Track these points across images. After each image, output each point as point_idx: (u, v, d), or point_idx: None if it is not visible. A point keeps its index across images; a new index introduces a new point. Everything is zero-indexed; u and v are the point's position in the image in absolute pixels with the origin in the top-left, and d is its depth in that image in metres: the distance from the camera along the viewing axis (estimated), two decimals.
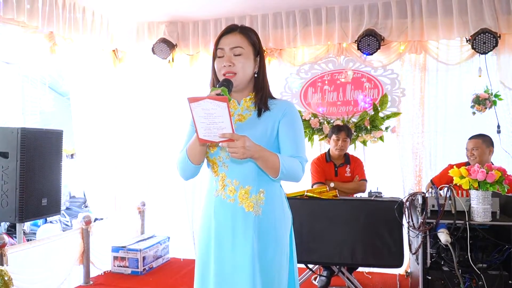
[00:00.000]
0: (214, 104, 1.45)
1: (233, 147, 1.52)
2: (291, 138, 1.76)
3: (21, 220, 3.18)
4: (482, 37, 3.82)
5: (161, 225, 4.92)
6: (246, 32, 1.79)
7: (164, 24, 4.77)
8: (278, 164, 1.64)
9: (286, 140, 1.76)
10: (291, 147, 1.75)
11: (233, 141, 1.51)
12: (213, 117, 1.48)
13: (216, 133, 1.51)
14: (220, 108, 1.45)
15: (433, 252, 2.89)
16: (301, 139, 1.80)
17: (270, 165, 1.65)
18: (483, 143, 3.57)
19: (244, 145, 1.52)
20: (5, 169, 3.16)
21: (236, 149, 1.52)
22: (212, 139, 1.54)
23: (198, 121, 1.50)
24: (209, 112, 1.47)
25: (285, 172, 1.66)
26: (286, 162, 1.67)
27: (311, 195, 3.41)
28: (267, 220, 1.75)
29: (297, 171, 1.72)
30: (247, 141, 1.54)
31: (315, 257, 3.38)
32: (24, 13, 3.55)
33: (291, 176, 1.71)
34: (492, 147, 3.60)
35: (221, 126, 1.49)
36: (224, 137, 1.51)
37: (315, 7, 4.37)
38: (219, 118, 1.47)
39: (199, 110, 1.48)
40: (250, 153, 1.56)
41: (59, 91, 6.88)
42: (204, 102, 1.46)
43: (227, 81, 1.69)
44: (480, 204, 2.73)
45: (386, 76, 4.36)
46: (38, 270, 3.32)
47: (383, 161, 4.45)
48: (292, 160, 1.71)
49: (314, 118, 4.45)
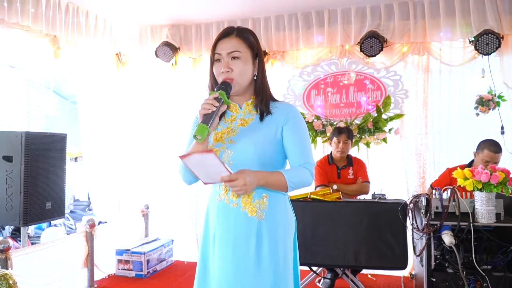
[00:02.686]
0: (202, 156, 1.50)
1: (235, 186, 1.56)
2: (297, 145, 1.75)
3: (25, 223, 3.19)
4: (485, 38, 3.82)
5: (165, 228, 4.93)
6: (243, 35, 1.76)
7: (167, 27, 4.79)
8: (285, 181, 1.67)
9: (292, 147, 1.75)
10: (298, 154, 1.75)
11: (232, 181, 1.56)
12: (207, 166, 1.53)
13: (216, 177, 1.57)
14: (209, 158, 1.49)
15: (438, 254, 2.88)
16: (307, 144, 1.79)
17: (278, 186, 1.69)
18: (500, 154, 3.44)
19: (245, 182, 1.56)
20: (10, 173, 3.17)
21: (238, 187, 1.56)
22: (215, 181, 1.60)
23: (196, 171, 1.58)
24: (201, 163, 1.53)
25: (293, 185, 1.70)
26: (291, 176, 1.69)
27: (314, 197, 3.41)
28: (270, 224, 1.73)
29: (305, 179, 1.74)
30: (246, 177, 1.57)
31: (319, 259, 3.37)
32: (29, 17, 3.58)
33: (300, 185, 1.74)
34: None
35: (218, 171, 1.54)
36: (224, 179, 1.56)
37: (318, 9, 4.37)
38: (212, 166, 1.52)
39: (192, 163, 1.54)
40: (253, 186, 1.60)
41: (62, 94, 6.92)
42: (192, 157, 1.51)
43: (225, 84, 1.68)
44: (484, 206, 2.72)
45: (389, 77, 4.35)
46: (42, 273, 3.32)
47: (386, 163, 4.45)
48: (297, 170, 1.72)
49: (317, 120, 4.45)
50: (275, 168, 1.74)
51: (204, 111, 1.61)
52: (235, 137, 1.75)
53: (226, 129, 1.78)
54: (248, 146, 1.71)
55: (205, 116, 1.60)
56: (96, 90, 4.65)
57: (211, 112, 1.61)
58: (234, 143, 1.73)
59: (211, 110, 1.61)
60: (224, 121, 1.81)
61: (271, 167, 1.72)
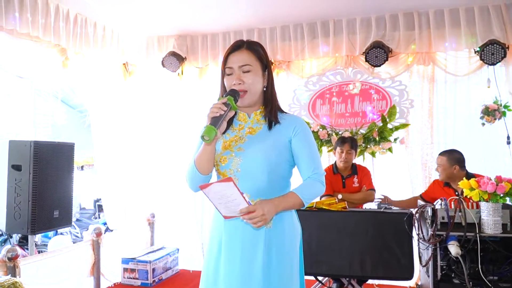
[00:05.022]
0: (222, 185, 1.53)
1: (254, 217, 1.58)
2: (307, 155, 1.79)
3: (33, 232, 3.21)
4: (490, 48, 3.83)
5: (170, 236, 4.94)
6: (253, 48, 1.81)
7: (174, 37, 4.83)
8: (300, 200, 1.73)
9: (302, 157, 1.79)
10: (308, 164, 1.78)
11: (253, 213, 1.58)
12: (227, 196, 1.56)
13: (236, 210, 1.59)
14: (229, 187, 1.53)
15: (444, 265, 2.87)
16: (316, 155, 1.83)
17: (295, 207, 1.75)
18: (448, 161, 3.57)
19: (264, 212, 1.59)
20: (18, 182, 3.20)
21: (257, 219, 1.58)
22: (235, 214, 1.62)
23: (216, 202, 1.60)
24: (221, 193, 1.56)
25: (308, 200, 1.76)
26: (305, 193, 1.74)
27: (320, 206, 3.41)
28: (277, 233, 1.76)
29: (318, 191, 1.79)
30: (265, 207, 1.60)
31: (325, 269, 3.36)
32: (39, 28, 3.63)
33: (314, 197, 1.82)
34: (457, 165, 3.54)
35: (237, 203, 1.57)
36: (242, 213, 1.58)
37: (323, 20, 4.41)
38: (231, 196, 1.55)
39: (213, 194, 1.57)
40: (272, 215, 1.64)
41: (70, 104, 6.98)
42: (213, 186, 1.55)
43: (233, 91, 1.73)
44: (491, 216, 2.71)
45: (394, 87, 4.37)
46: (49, 282, 3.34)
47: (392, 173, 4.44)
48: (308, 185, 1.77)
49: (323, 129, 4.47)
50: (282, 175, 1.79)
51: (212, 114, 1.66)
52: (244, 145, 1.78)
53: (235, 137, 1.82)
54: (257, 153, 1.74)
55: (213, 119, 1.65)
56: (104, 99, 4.70)
57: (219, 115, 1.65)
58: (242, 151, 1.77)
59: (219, 113, 1.65)
60: (232, 129, 1.85)
61: (277, 174, 1.77)
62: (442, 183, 3.63)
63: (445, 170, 3.57)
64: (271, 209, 1.63)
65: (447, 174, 3.57)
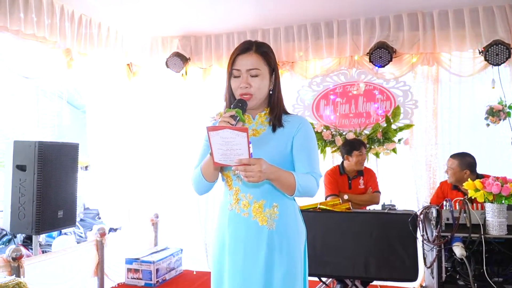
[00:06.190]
0: (234, 133, 1.49)
1: (250, 171, 1.54)
2: (305, 154, 1.78)
3: (38, 232, 3.22)
4: (494, 49, 3.81)
5: (174, 237, 4.95)
6: (261, 51, 1.78)
7: (178, 38, 4.84)
8: (294, 183, 1.66)
9: (300, 156, 1.77)
10: (306, 163, 1.77)
11: (249, 165, 1.53)
12: (231, 144, 1.51)
13: (233, 159, 1.54)
14: (240, 137, 1.48)
15: (448, 266, 2.86)
16: (315, 155, 1.81)
17: (286, 185, 1.67)
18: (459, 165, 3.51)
19: (261, 169, 1.54)
20: (23, 182, 3.21)
21: (253, 173, 1.54)
22: (227, 163, 1.57)
23: (215, 147, 1.54)
24: (227, 140, 1.51)
25: (301, 190, 1.68)
26: (301, 180, 1.68)
27: (324, 207, 3.40)
28: (280, 234, 1.75)
29: (312, 188, 1.74)
30: (263, 164, 1.56)
31: (328, 270, 3.36)
32: (44, 28, 3.64)
33: (307, 193, 1.73)
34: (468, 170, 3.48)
35: (239, 153, 1.52)
36: (241, 162, 1.53)
37: (327, 20, 4.40)
38: (237, 145, 1.51)
39: (218, 138, 1.51)
40: (266, 176, 1.58)
41: (74, 104, 7.00)
42: (223, 132, 1.49)
43: (241, 101, 1.72)
44: (496, 217, 2.70)
45: (398, 88, 4.36)
46: (53, 282, 3.36)
47: (396, 173, 4.43)
48: (307, 177, 1.72)
49: (327, 130, 4.46)
50: None
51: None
52: None
53: None
54: (260, 155, 1.72)
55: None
56: (108, 100, 4.71)
57: None
58: None
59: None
60: None
61: None
62: (450, 186, 3.60)
63: (455, 174, 3.51)
64: (268, 170, 1.58)
65: (457, 178, 3.51)
